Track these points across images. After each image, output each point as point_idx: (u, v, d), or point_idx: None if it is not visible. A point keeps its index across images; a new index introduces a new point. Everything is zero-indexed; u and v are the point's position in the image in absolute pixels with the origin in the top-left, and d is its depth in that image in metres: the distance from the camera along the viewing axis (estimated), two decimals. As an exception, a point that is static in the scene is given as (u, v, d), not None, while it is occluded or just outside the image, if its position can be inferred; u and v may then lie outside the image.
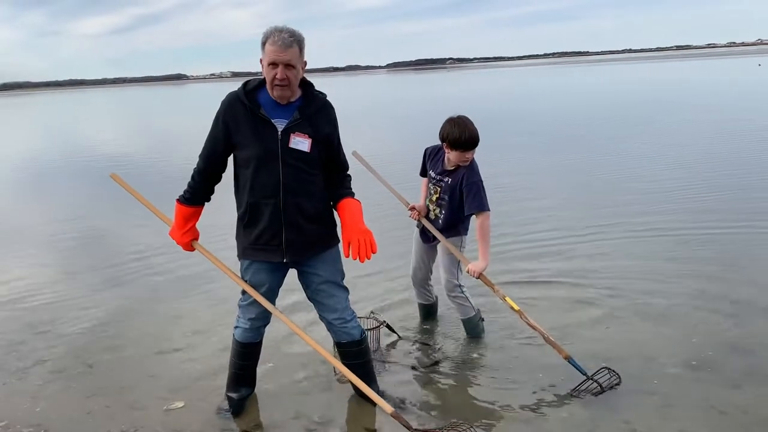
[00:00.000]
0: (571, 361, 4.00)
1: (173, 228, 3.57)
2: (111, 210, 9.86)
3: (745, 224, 7.21)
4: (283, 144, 3.26)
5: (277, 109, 3.29)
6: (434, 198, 4.41)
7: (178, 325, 5.13)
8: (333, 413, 3.75)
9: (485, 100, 34.38)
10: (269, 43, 3.15)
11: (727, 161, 11.33)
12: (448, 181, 4.31)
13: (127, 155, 16.81)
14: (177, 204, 3.52)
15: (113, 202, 10.10)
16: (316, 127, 3.32)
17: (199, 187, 3.46)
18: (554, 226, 7.59)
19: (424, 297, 4.87)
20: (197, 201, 3.50)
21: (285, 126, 3.27)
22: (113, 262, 7.01)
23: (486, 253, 4.19)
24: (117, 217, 9.32)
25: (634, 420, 3.54)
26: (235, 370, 3.81)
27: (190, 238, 3.58)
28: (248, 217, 3.39)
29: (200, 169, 3.43)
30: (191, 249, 3.62)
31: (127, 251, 7.37)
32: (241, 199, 3.42)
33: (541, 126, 19.15)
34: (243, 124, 3.27)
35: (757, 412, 3.56)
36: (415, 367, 4.30)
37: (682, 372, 4.05)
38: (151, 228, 8.38)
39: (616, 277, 5.71)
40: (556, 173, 11.32)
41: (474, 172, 4.25)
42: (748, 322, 4.69)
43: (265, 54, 3.18)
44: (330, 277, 3.54)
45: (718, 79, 41.72)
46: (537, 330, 4.08)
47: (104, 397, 4.03)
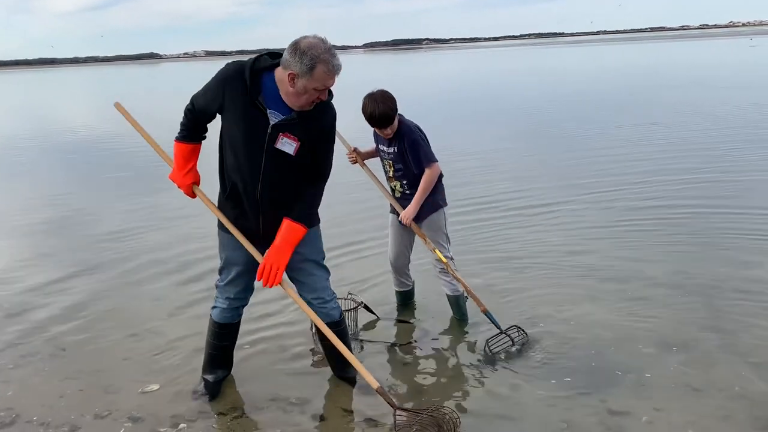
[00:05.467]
0: (488, 314, 4.32)
1: (174, 170, 3.46)
2: (85, 192, 9.70)
3: (722, 204, 7.29)
4: (270, 140, 3.18)
5: (278, 101, 3.17)
6: (391, 173, 4.37)
7: (153, 308, 5.07)
8: (310, 394, 3.73)
9: (457, 80, 34.35)
10: (324, 69, 3.01)
11: (705, 143, 11.44)
12: (394, 150, 4.28)
13: (104, 136, 16.58)
14: (175, 143, 3.43)
15: (86, 185, 9.94)
16: (308, 131, 3.22)
17: (191, 124, 3.39)
18: (530, 203, 7.64)
19: (403, 284, 4.82)
20: (194, 137, 3.42)
21: (278, 121, 3.18)
22: (87, 244, 6.89)
23: (418, 201, 4.23)
24: (91, 200, 9.18)
25: (610, 399, 3.58)
26: (212, 351, 3.77)
27: (191, 180, 3.45)
28: (229, 194, 3.37)
29: (191, 109, 3.37)
30: (192, 194, 3.49)
31: (101, 234, 7.25)
32: (223, 172, 3.39)
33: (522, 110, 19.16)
34: (237, 104, 3.17)
35: (731, 390, 3.61)
36: (394, 344, 4.30)
37: (656, 351, 4.09)
38: (126, 210, 8.30)
39: (592, 259, 5.75)
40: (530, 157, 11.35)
41: (411, 130, 4.24)
42: (722, 302, 4.74)
43: (313, 77, 3.01)
44: (310, 256, 3.50)
45: (695, 61, 42.10)
46: (461, 282, 4.38)
47: (78, 380, 3.97)
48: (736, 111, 15.15)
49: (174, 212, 7.88)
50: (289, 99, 3.14)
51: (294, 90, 3.07)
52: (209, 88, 3.26)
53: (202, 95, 3.30)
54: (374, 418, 3.46)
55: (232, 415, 3.54)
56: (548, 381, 3.80)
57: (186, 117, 3.40)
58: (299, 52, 3.01)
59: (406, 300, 4.88)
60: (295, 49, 3.03)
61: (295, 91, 3.07)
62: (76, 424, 3.49)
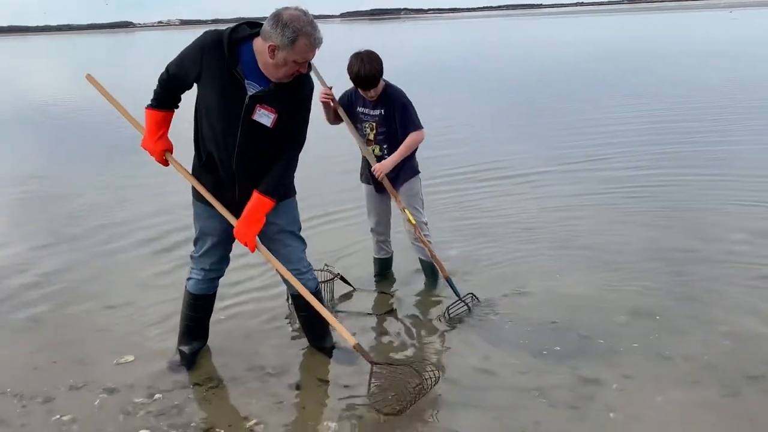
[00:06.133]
0: (449, 281, 4.41)
1: (145, 137, 3.40)
2: (59, 164, 9.54)
3: (698, 174, 7.39)
4: (247, 111, 3.15)
5: (256, 72, 3.14)
6: (371, 136, 4.33)
7: (128, 279, 5.03)
8: (287, 365, 3.75)
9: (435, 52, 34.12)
10: (306, 42, 3.00)
11: (683, 115, 11.51)
12: (380, 112, 4.25)
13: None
14: (147, 110, 3.37)
15: (58, 156, 9.78)
16: (286, 102, 3.20)
17: (165, 93, 3.33)
18: (506, 174, 7.67)
19: (383, 251, 4.82)
20: (166, 105, 3.37)
21: (256, 92, 3.14)
22: (58, 216, 6.80)
23: (396, 159, 4.23)
24: (63, 171, 9.04)
25: (581, 366, 3.64)
26: (188, 322, 3.76)
27: (163, 147, 3.39)
28: (205, 163, 3.34)
29: (165, 78, 3.30)
30: (165, 161, 3.43)
31: (73, 205, 7.15)
32: (198, 141, 3.35)
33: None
34: (215, 73, 3.13)
35: (700, 358, 3.69)
36: (370, 314, 4.33)
37: (628, 320, 4.16)
38: (98, 181, 8.19)
39: (566, 228, 5.81)
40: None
41: (400, 93, 4.25)
42: (692, 271, 4.83)
43: (294, 50, 2.99)
44: (286, 227, 3.49)
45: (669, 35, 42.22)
46: (426, 246, 4.43)
47: (52, 352, 3.94)
48: (720, 84, 15.24)
49: (147, 183, 7.79)
50: (268, 70, 3.11)
51: (274, 62, 3.05)
52: (186, 56, 3.21)
53: (177, 64, 3.25)
54: (350, 387, 3.50)
55: (208, 386, 3.55)
56: (520, 350, 3.85)
57: (160, 86, 3.33)
58: (281, 24, 2.98)
59: (384, 269, 4.89)
60: (276, 21, 2.99)
61: (275, 62, 3.05)
62: (51, 395, 3.48)
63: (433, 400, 3.34)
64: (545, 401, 3.35)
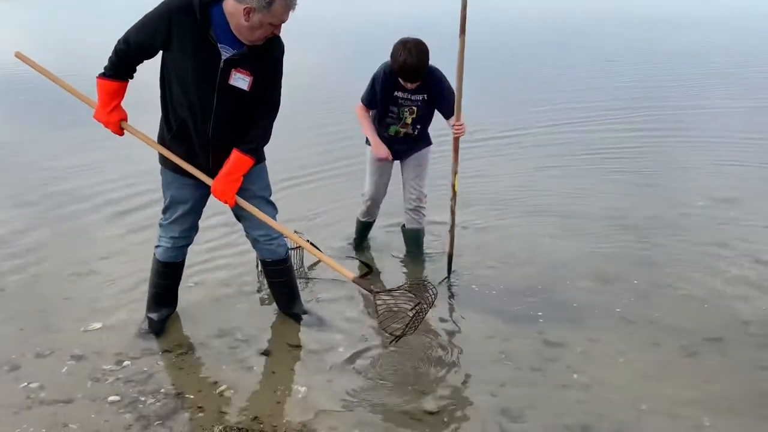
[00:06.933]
0: (450, 259, 4.36)
1: (97, 108, 3.29)
2: (12, 126, 9.28)
3: (667, 134, 7.54)
4: (222, 75, 3.11)
5: (228, 34, 3.08)
6: (409, 120, 4.26)
7: (94, 247, 4.95)
8: (256, 331, 3.76)
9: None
10: (282, 4, 2.95)
11: (651, 81, 11.62)
12: (423, 97, 4.17)
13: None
14: (98, 80, 3.25)
15: (13, 119, 9.51)
16: (260, 64, 3.16)
17: (122, 63, 3.21)
18: (473, 137, 7.68)
19: (372, 215, 4.74)
20: (122, 75, 3.25)
21: (230, 55, 3.10)
22: (19, 181, 6.62)
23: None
24: (20, 134, 8.79)
25: (547, 330, 3.73)
26: (156, 290, 3.74)
27: (119, 117, 3.30)
28: (176, 132, 3.26)
29: (124, 48, 3.16)
30: (120, 131, 3.34)
31: (38, 171, 6.97)
32: (168, 110, 3.26)
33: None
34: (186, 38, 3.05)
35: (662, 321, 3.81)
36: (340, 280, 4.34)
37: (592, 284, 4.26)
38: (59, 145, 7.98)
39: (533, 194, 5.88)
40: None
41: (444, 77, 4.18)
42: (655, 235, 4.96)
43: (270, 12, 2.94)
44: (259, 192, 3.47)
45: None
46: (451, 217, 4.30)
47: (17, 320, 3.88)
48: (683, 50, 15.40)
49: (109, 146, 7.61)
50: (241, 33, 3.07)
51: (248, 24, 3.00)
52: (148, 21, 3.11)
53: (138, 30, 3.13)
54: (319, 352, 3.53)
55: (177, 352, 3.55)
56: (486, 314, 3.92)
57: (116, 55, 3.20)
58: None
59: (365, 231, 4.85)
60: None
61: (250, 25, 3.00)
62: (17, 363, 3.44)
63: (399, 365, 3.42)
64: (511, 364, 3.43)
